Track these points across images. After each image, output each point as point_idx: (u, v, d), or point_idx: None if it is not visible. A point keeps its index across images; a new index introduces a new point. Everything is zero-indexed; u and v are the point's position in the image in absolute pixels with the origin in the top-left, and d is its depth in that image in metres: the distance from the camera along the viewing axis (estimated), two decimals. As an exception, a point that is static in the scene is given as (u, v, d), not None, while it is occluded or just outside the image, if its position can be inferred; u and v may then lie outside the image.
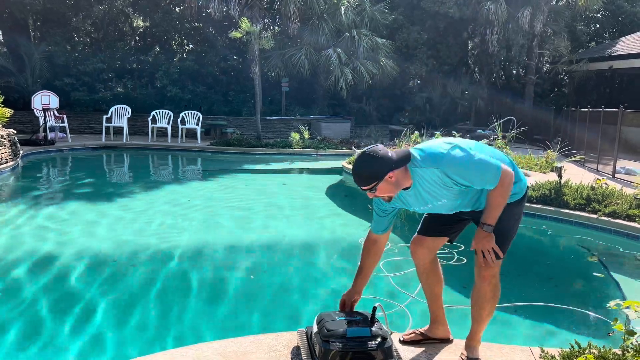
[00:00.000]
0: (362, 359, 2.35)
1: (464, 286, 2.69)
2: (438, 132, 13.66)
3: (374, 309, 2.54)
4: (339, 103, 18.47)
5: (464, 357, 2.67)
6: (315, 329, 2.52)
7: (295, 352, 2.69)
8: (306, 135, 14.73)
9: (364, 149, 2.46)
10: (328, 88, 17.31)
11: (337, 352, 2.34)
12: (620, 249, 5.90)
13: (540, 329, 3.89)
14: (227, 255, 5.49)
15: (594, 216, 6.43)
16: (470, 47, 20.62)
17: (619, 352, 2.59)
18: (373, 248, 2.73)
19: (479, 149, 2.46)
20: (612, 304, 2.56)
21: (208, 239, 6.04)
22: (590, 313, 4.11)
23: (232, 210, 7.61)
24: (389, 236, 2.76)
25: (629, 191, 7.15)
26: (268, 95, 17.99)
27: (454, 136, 12.42)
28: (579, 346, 2.69)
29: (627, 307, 2.52)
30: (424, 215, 2.83)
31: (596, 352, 2.62)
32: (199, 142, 14.32)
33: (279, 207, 7.95)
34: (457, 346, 2.86)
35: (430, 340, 2.89)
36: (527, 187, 2.64)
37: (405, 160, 2.39)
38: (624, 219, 6.20)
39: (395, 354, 2.46)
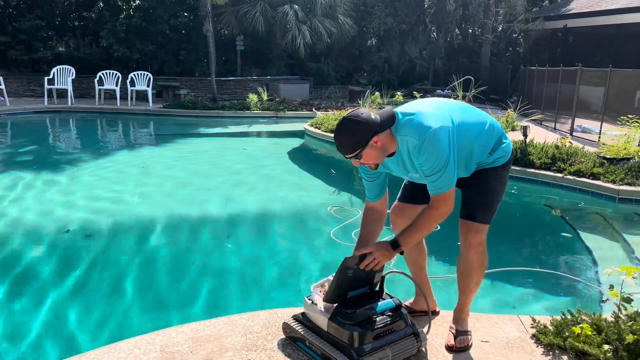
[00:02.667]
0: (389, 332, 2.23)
1: (449, 254, 2.52)
2: (398, 92, 13.51)
3: (383, 278, 2.39)
4: (297, 63, 17.94)
5: (453, 332, 2.53)
6: (325, 313, 2.27)
7: (283, 344, 2.46)
8: (265, 97, 14.24)
9: (346, 114, 2.20)
10: (285, 47, 16.74)
11: (368, 333, 2.16)
12: (585, 206, 5.96)
13: (511, 294, 3.81)
14: (184, 226, 5.16)
15: (560, 175, 6.46)
16: (427, 5, 20.34)
17: (612, 319, 2.51)
18: (372, 216, 2.51)
19: (466, 137, 2.25)
20: (607, 271, 2.46)
21: (163, 209, 5.66)
22: (561, 273, 4.08)
23: (189, 177, 7.23)
24: (387, 203, 2.53)
25: (591, 149, 7.22)
26: (222, 55, 17.24)
27: (415, 97, 12.31)
28: (572, 314, 2.59)
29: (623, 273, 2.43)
30: (404, 181, 2.63)
31: (588, 320, 2.52)
32: (151, 104, 13.60)
33: (238, 173, 7.61)
34: (444, 318, 2.72)
35: (416, 314, 2.74)
36: (512, 151, 2.46)
37: (390, 122, 2.19)
38: (588, 178, 6.25)
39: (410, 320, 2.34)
